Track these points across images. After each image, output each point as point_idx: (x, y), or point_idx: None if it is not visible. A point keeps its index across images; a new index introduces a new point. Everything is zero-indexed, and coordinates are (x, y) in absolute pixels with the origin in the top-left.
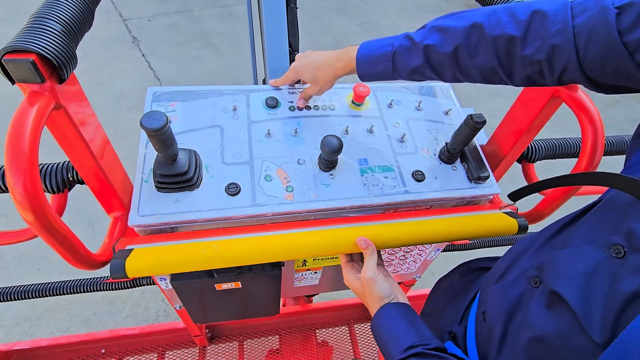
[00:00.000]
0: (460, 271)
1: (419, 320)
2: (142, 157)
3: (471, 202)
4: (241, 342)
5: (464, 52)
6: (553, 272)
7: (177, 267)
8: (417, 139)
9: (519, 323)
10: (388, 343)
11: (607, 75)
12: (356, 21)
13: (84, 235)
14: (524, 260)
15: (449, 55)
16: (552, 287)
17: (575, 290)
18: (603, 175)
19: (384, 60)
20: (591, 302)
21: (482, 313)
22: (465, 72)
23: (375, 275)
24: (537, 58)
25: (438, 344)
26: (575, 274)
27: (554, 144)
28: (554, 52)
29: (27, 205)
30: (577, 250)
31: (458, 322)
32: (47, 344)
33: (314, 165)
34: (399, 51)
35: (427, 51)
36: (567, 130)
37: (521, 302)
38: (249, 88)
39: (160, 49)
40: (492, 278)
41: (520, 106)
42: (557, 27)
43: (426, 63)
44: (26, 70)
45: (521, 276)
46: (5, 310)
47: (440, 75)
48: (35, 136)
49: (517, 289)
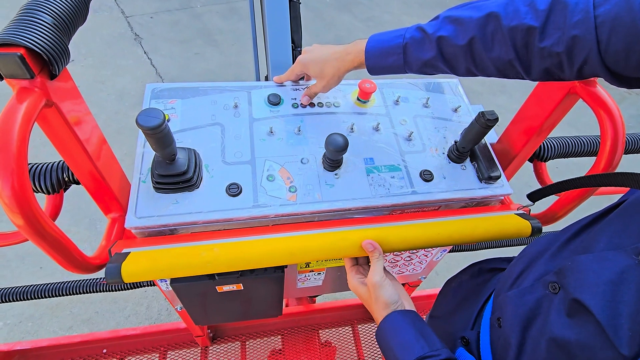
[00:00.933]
0: (470, 272)
1: (428, 329)
2: (139, 156)
3: (481, 203)
4: (243, 342)
5: (479, 44)
6: (575, 279)
7: (175, 271)
8: (424, 137)
9: (538, 332)
10: (396, 352)
11: (631, 67)
12: (359, 17)
13: (86, 235)
14: (541, 263)
15: (464, 48)
16: (574, 295)
17: (601, 299)
18: (632, 176)
19: (395, 53)
20: (618, 312)
21: (497, 319)
22: (480, 65)
23: (382, 280)
24: (556, 50)
25: (448, 354)
26: (600, 282)
27: (568, 142)
28: (574, 44)
29: (16, 208)
30: (601, 255)
31: (470, 327)
32: (48, 344)
33: (318, 164)
34: (411, 43)
35: (440, 43)
36: (573, 128)
37: (539, 309)
38: (251, 85)
39: (162, 47)
40: (506, 282)
41: (533, 103)
42: (578, 17)
43: (439, 55)
44: (14, 65)
45: (538, 281)
46: (8, 309)
47: (453, 69)
48: (24, 135)
49: (534, 295)
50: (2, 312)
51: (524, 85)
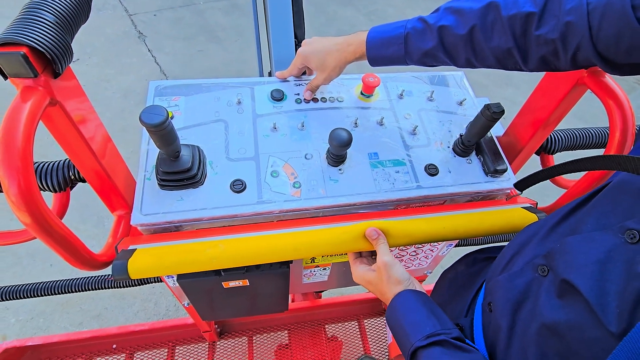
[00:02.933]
0: (465, 262)
1: (439, 310)
2: (144, 153)
3: (487, 197)
4: (250, 337)
5: (480, 33)
6: (564, 261)
7: (180, 268)
8: (429, 131)
9: (528, 314)
10: (407, 329)
11: (622, 53)
12: (362, 11)
13: (94, 231)
14: (530, 248)
15: (464, 37)
16: (563, 275)
17: (589, 278)
18: (615, 158)
19: (396, 43)
20: (606, 290)
21: (488, 304)
22: (480, 54)
23: (392, 259)
24: (552, 37)
25: (459, 334)
26: (588, 262)
27: (576, 134)
28: (567, 30)
29: (23, 207)
30: (589, 236)
31: (464, 314)
32: (59, 340)
33: (322, 160)
34: (412, 33)
35: (441, 33)
36: (580, 120)
37: (529, 292)
38: (254, 80)
39: (166, 44)
40: (497, 268)
41: (540, 95)
42: (572, 4)
43: (440, 45)
44: (17, 64)
45: (527, 265)
46: (20, 305)
47: (453, 59)
48: (29, 133)
49: (524, 279)
50: (14, 309)
51: (531, 78)
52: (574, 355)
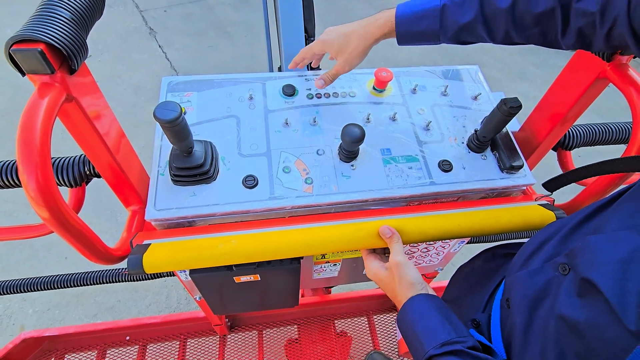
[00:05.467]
0: (484, 257)
1: (455, 317)
2: (157, 149)
3: (502, 194)
4: (260, 331)
5: (524, 1)
6: (586, 259)
7: (194, 263)
8: (443, 126)
9: (546, 312)
10: (420, 335)
11: None
12: (373, 5)
13: (107, 226)
14: (551, 245)
15: (507, 7)
16: (584, 274)
17: (610, 277)
18: None
19: (430, 17)
20: (627, 289)
21: (507, 300)
22: (521, 25)
23: (405, 259)
24: (591, 9)
25: (474, 343)
26: (610, 261)
27: (595, 129)
28: (607, 2)
29: (41, 202)
30: (612, 235)
31: (482, 310)
32: (74, 331)
33: (334, 155)
34: (449, 5)
35: (483, 2)
36: (597, 115)
37: (548, 289)
38: (265, 76)
39: (176, 40)
40: (516, 264)
41: (559, 89)
42: None
43: (480, 16)
44: (35, 60)
45: (548, 262)
46: (36, 297)
47: (491, 32)
48: (46, 129)
49: (543, 276)
50: (31, 300)
51: (545, 72)
52: (592, 355)
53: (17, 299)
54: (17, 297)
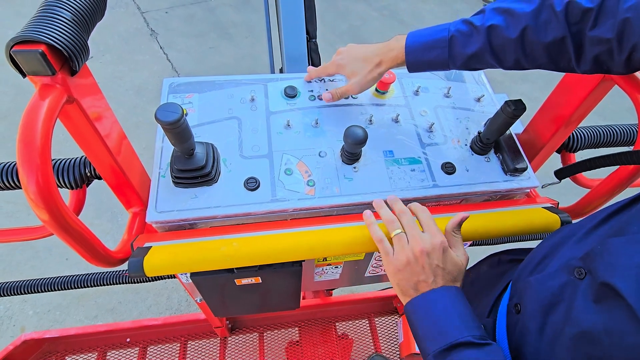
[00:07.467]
0: (489, 262)
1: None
2: (158, 150)
3: (505, 196)
4: (261, 333)
5: (532, 32)
6: (604, 262)
7: (195, 266)
8: (446, 128)
9: (561, 318)
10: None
11: None
12: (374, 6)
13: (108, 227)
14: (565, 249)
15: (515, 38)
16: (603, 278)
17: (634, 282)
18: None
19: (439, 47)
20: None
21: (515, 305)
22: (531, 54)
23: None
24: (607, 36)
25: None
26: (632, 264)
27: (600, 131)
28: (625, 29)
29: (41, 204)
30: (634, 238)
31: (487, 315)
32: (75, 333)
33: (337, 158)
34: (457, 36)
35: (489, 33)
36: (600, 116)
37: (562, 295)
38: (267, 77)
39: (177, 41)
40: (525, 269)
41: (563, 90)
42: (631, 2)
43: (487, 47)
44: (36, 62)
45: (562, 267)
46: (37, 298)
47: (500, 61)
48: (47, 131)
49: (557, 281)
50: (32, 301)
51: (548, 74)
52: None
53: (17, 300)
54: (17, 298)
